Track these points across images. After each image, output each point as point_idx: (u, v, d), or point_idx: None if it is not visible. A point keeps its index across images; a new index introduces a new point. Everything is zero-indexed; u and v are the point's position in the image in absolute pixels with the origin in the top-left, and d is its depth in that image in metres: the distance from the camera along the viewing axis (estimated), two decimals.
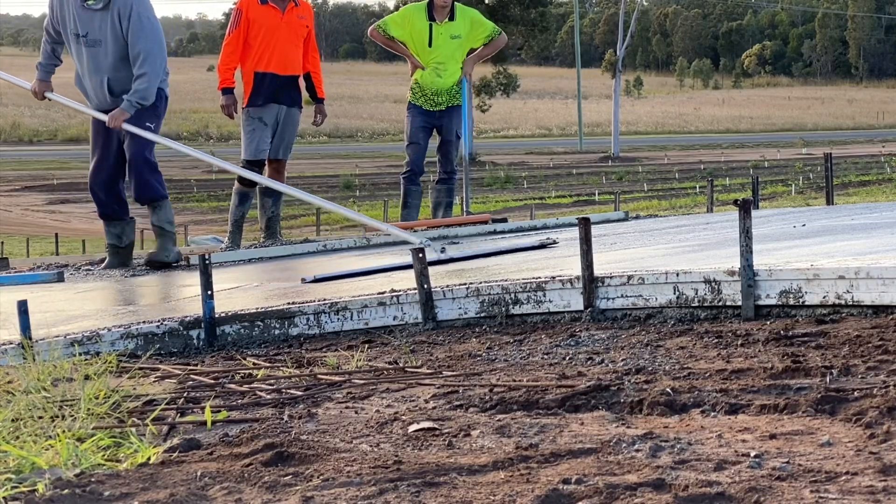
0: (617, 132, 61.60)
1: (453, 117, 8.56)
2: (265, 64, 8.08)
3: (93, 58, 7.11)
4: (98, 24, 7.02)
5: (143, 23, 6.97)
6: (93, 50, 7.08)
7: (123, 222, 7.43)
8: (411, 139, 8.58)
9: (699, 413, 2.42)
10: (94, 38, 7.05)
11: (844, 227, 5.80)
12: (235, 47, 8.06)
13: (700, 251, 5.07)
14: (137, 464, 2.22)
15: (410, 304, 4.19)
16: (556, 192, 39.38)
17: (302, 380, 3.17)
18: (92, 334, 4.01)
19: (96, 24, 7.02)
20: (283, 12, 8.11)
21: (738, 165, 49.52)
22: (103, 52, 7.06)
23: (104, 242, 7.67)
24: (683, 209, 25.30)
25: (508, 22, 52.62)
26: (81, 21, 7.05)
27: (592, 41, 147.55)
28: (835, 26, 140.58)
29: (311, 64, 8.48)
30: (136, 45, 6.96)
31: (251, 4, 8.08)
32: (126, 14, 6.95)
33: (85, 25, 7.05)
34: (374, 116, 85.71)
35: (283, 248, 7.70)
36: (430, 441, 2.31)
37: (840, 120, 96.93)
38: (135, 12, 6.96)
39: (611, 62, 68.30)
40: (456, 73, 8.55)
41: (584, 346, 3.43)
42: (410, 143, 8.59)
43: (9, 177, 49.78)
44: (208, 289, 4.15)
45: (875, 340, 2.95)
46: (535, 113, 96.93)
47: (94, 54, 7.10)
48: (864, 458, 1.95)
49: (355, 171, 47.74)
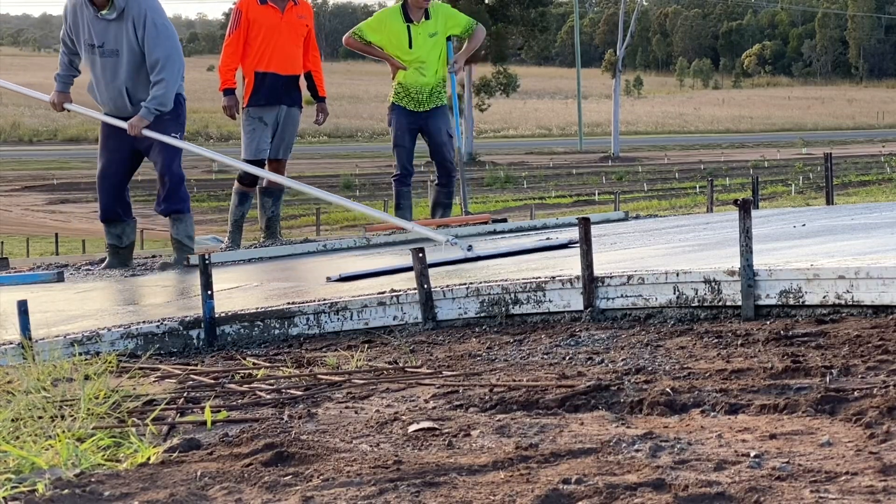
0: (617, 132, 61.58)
1: (439, 117, 8.53)
2: (266, 64, 8.08)
3: (110, 68, 7.07)
4: (113, 34, 6.97)
5: (158, 29, 6.94)
6: (109, 60, 7.04)
7: (124, 223, 7.43)
8: (397, 142, 8.55)
9: (699, 413, 2.42)
10: (111, 48, 7.01)
11: (844, 227, 5.80)
12: (236, 48, 8.06)
13: (700, 251, 5.07)
14: (137, 464, 2.22)
15: (410, 304, 4.19)
16: (556, 192, 39.37)
17: (302, 380, 3.17)
18: (92, 334, 4.01)
19: (111, 35, 6.98)
20: (283, 12, 8.11)
21: (738, 165, 49.50)
22: (120, 63, 7.02)
23: (104, 242, 7.67)
24: (683, 209, 25.30)
25: (508, 22, 52.62)
26: (96, 31, 7.00)
27: (592, 41, 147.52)
28: (835, 26, 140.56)
29: (312, 63, 8.48)
30: (153, 52, 6.91)
31: (251, 4, 8.09)
32: (141, 22, 6.90)
33: (100, 36, 7.00)
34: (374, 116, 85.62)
35: (283, 248, 7.70)
36: (430, 441, 2.31)
37: (840, 120, 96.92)
38: (149, 19, 6.92)
39: (611, 62, 68.27)
40: (438, 72, 8.55)
41: (584, 346, 3.43)
42: (396, 145, 8.56)
43: (9, 177, 49.76)
44: (208, 289, 4.15)
45: (875, 340, 2.95)
46: (534, 113, 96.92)
47: (110, 64, 7.05)
48: (864, 458, 1.95)
49: (355, 170, 47.71)
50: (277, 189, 8.48)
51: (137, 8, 6.91)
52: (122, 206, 7.37)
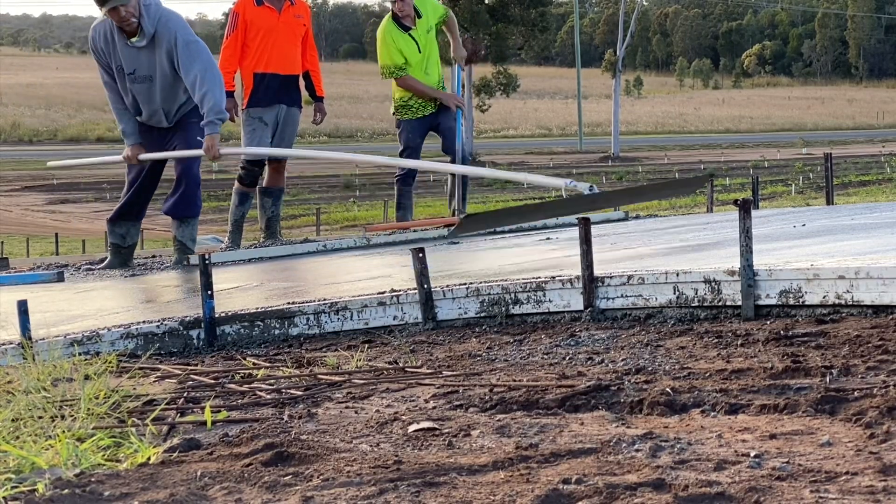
0: (617, 132, 61.59)
1: (445, 112, 8.59)
2: (265, 64, 8.09)
3: (144, 93, 7.09)
4: (145, 60, 6.98)
5: (189, 47, 6.94)
6: (142, 86, 7.06)
7: (131, 224, 7.45)
8: (407, 144, 8.56)
9: (699, 413, 2.42)
10: (143, 74, 7.03)
11: (844, 226, 5.80)
12: (234, 50, 8.07)
13: (700, 251, 5.07)
14: (137, 464, 2.22)
15: (410, 304, 4.19)
16: (556, 193, 39.32)
17: (302, 380, 3.17)
18: (92, 334, 4.01)
19: (143, 61, 6.99)
20: (280, 12, 8.11)
21: (738, 165, 49.50)
22: (154, 87, 7.05)
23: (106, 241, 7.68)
24: (683, 209, 25.29)
25: (508, 22, 52.61)
26: (127, 59, 7.00)
27: (592, 41, 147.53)
28: (835, 26, 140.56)
29: (310, 62, 8.49)
30: (190, 70, 6.90)
31: (247, 6, 8.09)
32: (172, 44, 6.90)
33: (131, 63, 7.00)
34: (374, 116, 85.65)
35: (283, 248, 7.70)
36: (430, 441, 2.31)
37: (840, 120, 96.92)
38: (180, 41, 6.92)
39: (611, 62, 68.27)
40: (438, 64, 8.65)
41: (584, 346, 3.43)
42: (406, 147, 8.57)
43: (9, 177, 49.76)
44: (208, 289, 4.15)
45: (875, 340, 2.95)
46: (535, 113, 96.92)
47: (144, 90, 7.08)
48: (864, 458, 1.95)
49: (355, 171, 47.71)
50: (277, 189, 8.49)
51: (167, 32, 6.91)
52: (140, 209, 7.43)
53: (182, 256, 7.25)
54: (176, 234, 7.36)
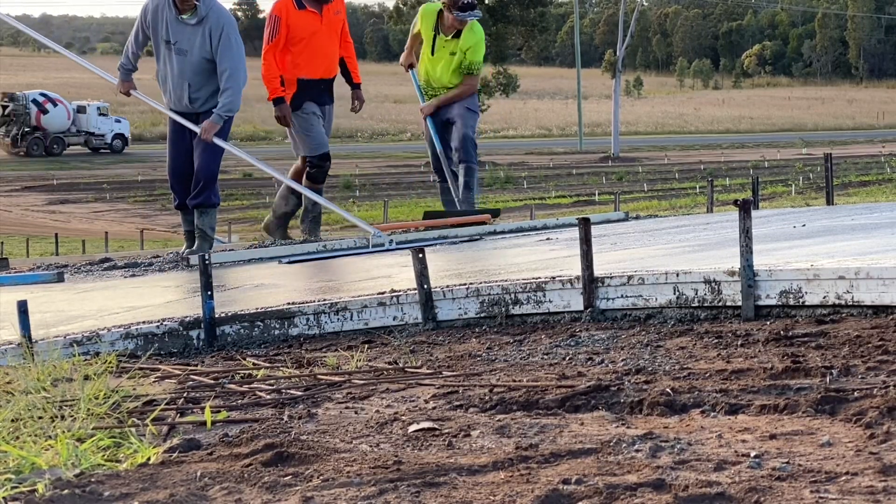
0: (617, 132, 61.56)
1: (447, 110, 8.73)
2: (311, 71, 8.14)
3: (179, 63, 7.66)
4: (189, 35, 7.58)
5: (230, 42, 7.56)
6: (179, 57, 7.66)
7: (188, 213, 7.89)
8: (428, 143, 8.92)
9: (699, 413, 2.42)
10: (182, 47, 7.62)
11: (844, 227, 5.80)
12: (276, 55, 8.05)
13: (700, 251, 5.07)
14: (137, 464, 2.22)
15: (410, 305, 4.19)
16: (556, 193, 39.35)
17: (302, 380, 3.17)
18: (92, 334, 4.01)
19: (187, 35, 7.59)
20: (322, 14, 8.06)
21: (738, 165, 49.49)
22: (187, 61, 7.63)
23: (182, 230, 8.25)
24: (683, 209, 25.29)
25: (508, 22, 52.60)
26: (173, 30, 7.62)
27: (592, 41, 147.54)
28: (835, 26, 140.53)
29: (346, 50, 8.50)
30: (223, 62, 7.52)
31: (290, 11, 8.01)
32: (217, 33, 7.54)
33: (176, 34, 7.61)
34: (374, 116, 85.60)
35: (283, 248, 7.69)
36: (430, 441, 2.31)
37: (840, 120, 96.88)
38: (225, 33, 7.54)
39: (611, 62, 68.29)
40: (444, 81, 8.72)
41: (584, 346, 3.43)
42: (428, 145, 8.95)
43: (9, 177, 49.75)
44: (208, 289, 4.15)
45: (875, 340, 2.95)
46: (535, 113, 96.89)
47: (179, 61, 7.66)
48: (864, 458, 1.95)
49: (355, 171, 47.70)
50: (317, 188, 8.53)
51: (217, 20, 7.57)
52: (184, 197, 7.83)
53: (202, 245, 7.61)
54: (196, 222, 7.75)
